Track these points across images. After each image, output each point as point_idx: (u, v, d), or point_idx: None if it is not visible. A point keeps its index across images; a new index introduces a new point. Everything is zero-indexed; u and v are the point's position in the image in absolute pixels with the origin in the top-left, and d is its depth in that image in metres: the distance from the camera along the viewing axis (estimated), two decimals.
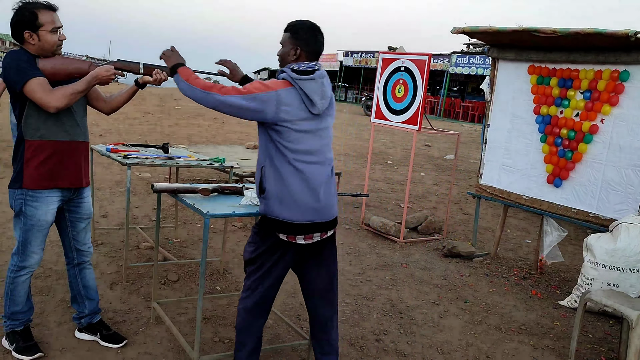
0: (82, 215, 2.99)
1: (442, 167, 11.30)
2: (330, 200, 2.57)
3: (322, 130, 2.54)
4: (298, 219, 2.48)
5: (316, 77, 2.46)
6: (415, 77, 5.55)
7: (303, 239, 2.54)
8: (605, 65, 4.41)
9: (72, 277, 3.09)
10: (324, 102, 2.48)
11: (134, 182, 7.16)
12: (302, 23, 2.56)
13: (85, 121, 2.93)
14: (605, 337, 3.90)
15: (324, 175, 2.54)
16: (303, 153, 2.46)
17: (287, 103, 2.40)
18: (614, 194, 4.39)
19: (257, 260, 2.63)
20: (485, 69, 22.10)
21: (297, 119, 2.43)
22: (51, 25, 2.66)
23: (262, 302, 2.67)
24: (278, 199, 2.48)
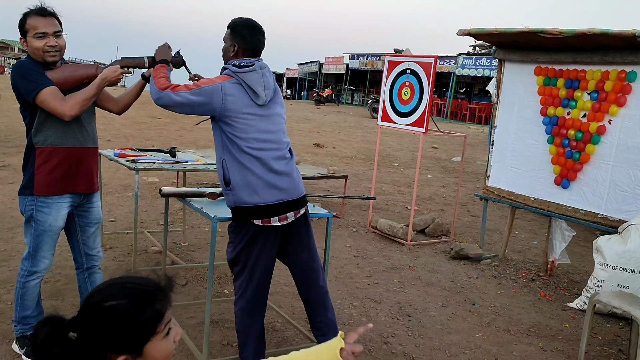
0: (92, 220, 3.00)
1: (449, 169, 11.28)
2: (294, 179, 2.67)
3: (271, 117, 2.64)
4: (267, 200, 2.56)
5: (256, 67, 2.57)
6: (421, 80, 5.55)
7: (278, 220, 2.60)
8: (612, 65, 4.39)
9: (82, 281, 3.10)
10: (268, 92, 2.60)
11: (142, 186, 7.19)
12: (242, 21, 2.67)
13: (94, 126, 2.95)
14: (614, 339, 3.87)
15: (282, 158, 2.64)
16: (256, 140, 2.56)
17: (230, 93, 2.52)
18: (622, 195, 4.36)
19: (240, 258, 2.66)
20: (492, 70, 22.04)
21: (242, 109, 2.53)
22: (34, 31, 2.64)
23: (255, 299, 2.69)
24: (244, 186, 2.55)
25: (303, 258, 2.78)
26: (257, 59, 2.64)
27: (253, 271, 2.65)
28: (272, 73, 2.73)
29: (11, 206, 5.69)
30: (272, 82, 2.66)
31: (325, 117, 21.39)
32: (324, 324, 2.82)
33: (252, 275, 2.65)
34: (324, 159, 10.88)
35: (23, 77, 2.62)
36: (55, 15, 2.71)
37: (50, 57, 2.69)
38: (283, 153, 2.65)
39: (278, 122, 2.67)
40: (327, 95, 29.66)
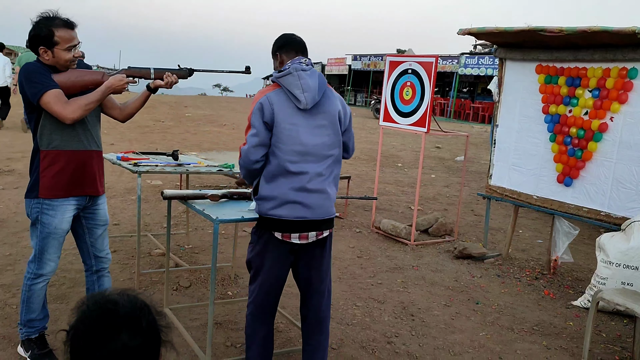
0: (99, 222, 3.03)
1: (452, 168, 11.26)
2: (324, 199, 2.59)
3: (315, 129, 2.55)
4: (289, 216, 2.53)
5: (291, 70, 2.52)
6: (422, 80, 5.55)
7: (298, 238, 2.57)
8: (614, 63, 4.39)
9: (90, 284, 3.13)
10: (308, 94, 2.50)
11: (145, 189, 7.22)
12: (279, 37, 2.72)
13: (99, 130, 2.99)
14: (618, 336, 3.87)
15: (317, 174, 2.56)
16: (294, 153, 2.51)
17: (273, 102, 2.50)
18: (625, 192, 4.35)
19: (255, 261, 2.67)
20: (495, 69, 22.01)
21: (286, 118, 2.49)
22: (67, 44, 2.71)
23: (264, 306, 2.70)
24: (270, 197, 2.54)
25: (311, 278, 2.74)
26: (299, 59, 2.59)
27: (265, 278, 2.66)
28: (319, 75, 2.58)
29: (16, 211, 5.72)
30: (313, 84, 2.52)
31: None
32: (313, 347, 2.78)
33: (264, 282, 2.66)
34: None
35: (29, 79, 2.66)
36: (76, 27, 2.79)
37: (73, 66, 2.80)
38: (319, 168, 2.56)
39: (320, 133, 2.57)
40: None
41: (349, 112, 2.71)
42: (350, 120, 2.72)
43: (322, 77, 2.60)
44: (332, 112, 2.61)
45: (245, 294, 4.08)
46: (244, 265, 4.65)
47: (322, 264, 2.74)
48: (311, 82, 2.52)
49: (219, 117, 18.27)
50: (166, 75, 2.98)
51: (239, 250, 4.91)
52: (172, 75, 2.99)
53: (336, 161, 2.65)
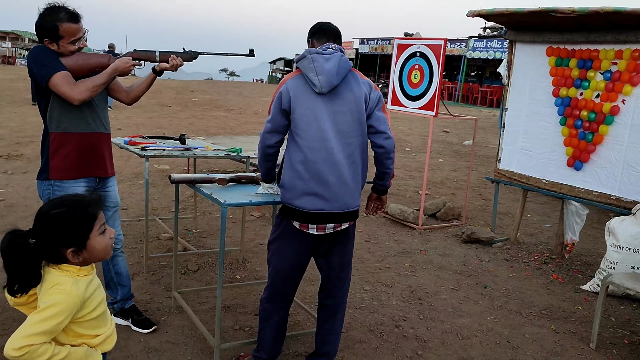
0: (109, 204, 3.07)
1: (460, 153, 11.21)
2: (344, 191, 2.52)
3: (335, 115, 2.50)
4: (306, 207, 2.50)
5: (305, 54, 2.52)
6: (431, 63, 5.49)
7: (315, 229, 2.55)
8: (626, 44, 4.31)
9: (104, 264, 3.19)
10: (321, 78, 2.45)
11: (152, 174, 7.23)
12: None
13: (107, 113, 3.03)
14: (628, 320, 3.85)
15: (337, 163, 2.49)
16: (312, 139, 2.47)
17: (291, 88, 2.49)
18: (637, 176, 4.31)
19: (275, 244, 2.68)
20: (504, 52, 21.77)
21: (304, 103, 2.47)
22: (71, 37, 2.73)
23: (281, 292, 2.70)
24: (290, 186, 2.52)
25: (332, 263, 2.72)
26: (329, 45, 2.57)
27: (282, 263, 2.66)
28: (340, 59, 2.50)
29: (25, 195, 5.75)
30: (329, 67, 2.45)
31: None
32: (326, 332, 2.79)
33: (282, 267, 2.66)
34: None
35: (38, 62, 2.69)
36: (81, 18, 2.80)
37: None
38: (339, 158, 2.49)
39: (341, 120, 2.50)
40: None
41: (378, 96, 2.62)
42: (379, 104, 2.62)
43: (344, 61, 2.52)
44: (353, 97, 2.52)
45: (253, 278, 4.09)
46: (251, 249, 4.68)
47: (344, 251, 2.73)
48: (327, 65, 2.45)
49: (226, 102, 18.24)
50: (171, 58, 3.01)
51: (247, 234, 4.92)
52: (177, 58, 3.02)
53: (359, 149, 2.56)
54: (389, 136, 2.61)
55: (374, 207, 2.90)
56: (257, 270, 4.24)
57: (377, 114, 2.60)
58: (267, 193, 2.86)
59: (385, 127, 2.60)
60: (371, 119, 2.59)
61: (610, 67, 4.43)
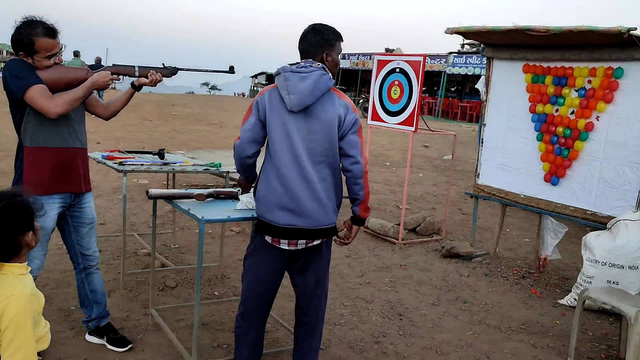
0: (85, 220, 3.02)
1: (440, 167, 11.30)
2: (316, 207, 2.49)
3: (308, 133, 2.47)
4: (278, 221, 2.49)
5: (280, 71, 2.49)
6: (410, 78, 5.55)
7: (287, 244, 2.54)
8: (599, 62, 4.41)
9: (80, 281, 3.13)
10: (292, 97, 2.41)
11: (131, 189, 7.15)
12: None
13: (83, 128, 2.98)
14: (605, 334, 3.89)
15: (310, 180, 2.47)
16: (285, 155, 2.47)
17: (266, 100, 2.51)
18: (612, 191, 4.38)
19: (248, 259, 2.66)
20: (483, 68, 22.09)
21: (278, 117, 2.47)
22: (47, 52, 2.70)
23: (256, 308, 2.67)
24: (264, 199, 2.53)
25: (307, 281, 2.68)
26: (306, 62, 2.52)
27: (255, 279, 2.63)
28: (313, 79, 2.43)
29: None
30: (303, 87, 2.40)
31: None
32: (304, 350, 2.75)
33: (255, 284, 2.64)
34: None
35: (13, 74, 2.65)
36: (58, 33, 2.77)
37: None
38: (313, 176, 2.47)
39: (314, 139, 2.46)
40: None
41: (354, 119, 2.54)
42: (354, 127, 2.54)
43: (323, 81, 2.45)
44: (327, 118, 2.47)
45: (231, 294, 4.05)
46: (230, 265, 4.64)
47: (318, 268, 2.68)
48: (301, 85, 2.41)
49: (207, 116, 18.18)
50: (150, 73, 3.00)
51: (226, 250, 4.88)
52: (156, 73, 3.00)
53: (330, 168, 2.53)
54: (357, 161, 2.54)
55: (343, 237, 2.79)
56: (236, 286, 4.20)
57: (350, 137, 2.53)
58: (246, 208, 2.84)
59: (355, 151, 2.53)
60: (343, 141, 2.53)
61: (585, 84, 4.52)
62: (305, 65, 2.48)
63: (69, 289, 3.87)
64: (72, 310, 3.55)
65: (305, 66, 2.48)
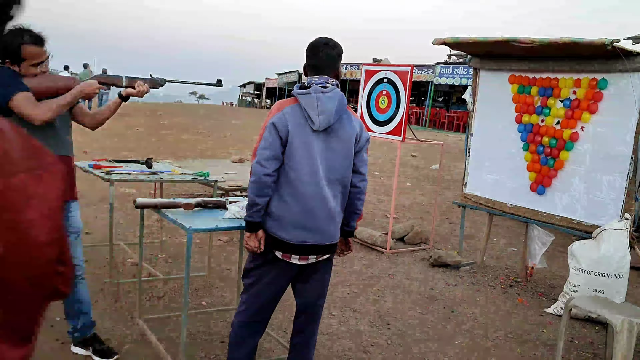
0: (70, 229, 2.99)
1: (428, 177, 11.35)
2: (328, 224, 2.53)
3: (328, 152, 2.49)
4: (291, 239, 2.48)
5: (311, 91, 2.44)
6: (398, 88, 5.59)
7: (298, 259, 2.54)
8: (584, 73, 4.48)
9: None
10: (321, 117, 2.42)
11: (119, 198, 7.10)
12: (312, 41, 2.58)
13: (69, 136, 2.96)
14: (591, 343, 3.92)
15: (326, 198, 2.49)
16: (304, 173, 2.44)
17: (289, 118, 2.42)
18: (596, 201, 4.43)
19: (254, 272, 2.62)
20: (469, 79, 22.27)
21: (299, 134, 2.43)
22: (34, 60, 2.68)
23: (258, 318, 2.67)
24: (276, 216, 2.49)
25: (310, 294, 2.71)
26: (322, 78, 2.49)
27: (263, 290, 2.63)
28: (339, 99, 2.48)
29: None
30: (328, 107, 2.43)
31: None
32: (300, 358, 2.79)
33: (261, 294, 2.63)
34: None
35: None
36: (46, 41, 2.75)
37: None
38: (329, 193, 2.50)
39: (333, 157, 2.49)
40: None
41: (367, 137, 2.63)
42: (367, 145, 2.63)
43: (342, 100, 2.50)
44: (346, 136, 2.52)
45: (220, 304, 4.03)
46: (218, 274, 4.62)
47: (322, 279, 2.72)
48: (329, 105, 2.44)
49: (195, 125, 18.13)
50: (138, 84, 2.99)
51: (214, 260, 4.86)
52: (144, 84, 2.99)
53: (343, 186, 2.58)
54: (365, 179, 2.65)
55: (342, 250, 2.83)
56: (223, 296, 4.18)
57: (363, 155, 2.62)
58: (234, 218, 2.84)
59: (365, 169, 2.65)
60: (356, 158, 2.60)
61: (570, 95, 4.59)
62: (325, 83, 2.48)
63: None
64: (57, 321, 3.50)
65: (325, 84, 2.48)
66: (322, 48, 2.53)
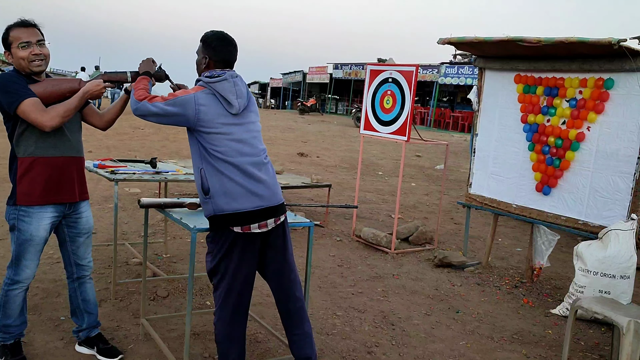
0: (81, 230, 3.00)
1: (432, 177, 11.33)
2: (272, 185, 2.67)
3: (246, 125, 2.65)
4: (246, 207, 2.55)
5: (227, 77, 2.59)
6: (403, 88, 5.57)
7: (258, 227, 2.58)
8: (590, 73, 4.45)
9: (72, 290, 3.11)
10: (241, 100, 2.61)
11: (123, 197, 7.12)
12: (214, 33, 2.70)
13: (79, 137, 2.97)
14: (597, 344, 3.89)
15: (259, 164, 2.64)
16: (231, 149, 2.57)
17: (203, 103, 2.54)
18: (602, 201, 4.41)
19: (219, 267, 2.62)
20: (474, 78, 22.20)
21: (216, 119, 2.55)
22: (18, 42, 2.69)
23: (237, 309, 2.65)
24: (222, 193, 2.54)
25: (280, 269, 2.75)
26: (227, 72, 2.64)
27: (234, 280, 2.61)
28: (245, 83, 2.73)
29: None
30: (244, 90, 2.67)
31: (309, 127, 21.42)
32: (300, 337, 2.78)
33: (233, 284, 2.61)
34: (307, 168, 10.87)
35: (4, 89, 2.65)
36: (36, 26, 2.76)
37: (36, 67, 2.74)
38: (260, 159, 2.65)
39: (253, 129, 2.69)
40: (311, 105, 29.68)
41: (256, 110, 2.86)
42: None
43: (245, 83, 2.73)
44: (256, 111, 2.76)
45: None
46: None
47: (286, 254, 2.77)
48: (243, 89, 2.65)
49: None
50: None
51: None
52: None
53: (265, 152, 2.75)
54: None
55: None
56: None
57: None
58: None
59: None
60: None
61: (576, 95, 4.56)
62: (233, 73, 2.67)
63: (58, 298, 3.83)
64: (62, 320, 3.51)
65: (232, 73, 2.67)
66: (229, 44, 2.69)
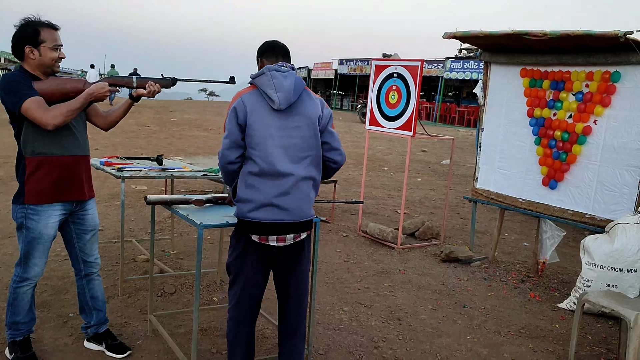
0: (87, 227, 3.03)
1: (438, 172, 11.30)
2: (301, 201, 2.58)
3: (291, 130, 2.55)
4: (266, 219, 2.52)
5: (265, 71, 2.55)
6: (408, 83, 5.56)
7: (275, 241, 2.57)
8: (596, 66, 4.43)
9: (80, 288, 3.13)
10: (280, 95, 2.50)
11: (130, 194, 7.14)
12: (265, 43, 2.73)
13: (85, 135, 2.99)
14: (604, 338, 3.88)
15: (293, 175, 2.54)
16: (268, 154, 2.50)
17: (247, 103, 2.51)
18: (609, 195, 4.39)
19: (235, 264, 2.65)
20: (480, 73, 22.13)
21: (261, 116, 2.50)
22: (52, 42, 2.75)
23: (246, 310, 2.67)
24: (248, 199, 2.53)
25: (289, 282, 2.72)
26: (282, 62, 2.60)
27: (245, 282, 2.64)
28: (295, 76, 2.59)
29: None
30: (287, 85, 2.51)
31: None
32: (288, 351, 2.77)
33: (244, 286, 2.64)
34: None
35: (8, 89, 2.67)
36: None
37: (58, 68, 2.83)
38: (297, 171, 2.55)
39: (296, 135, 2.55)
40: None
41: (330, 113, 2.71)
42: (331, 120, 2.72)
43: (299, 79, 2.58)
44: (309, 114, 2.59)
45: None
46: None
47: (299, 268, 2.72)
48: (285, 83, 2.51)
49: (205, 122, 18.18)
50: (149, 85, 2.98)
51: (224, 256, 4.86)
52: (154, 84, 2.99)
53: (314, 163, 2.62)
54: (342, 152, 2.75)
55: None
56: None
57: (330, 130, 2.71)
58: None
59: (338, 144, 2.73)
60: (325, 135, 2.67)
61: (582, 88, 4.54)
62: (280, 66, 2.58)
63: (67, 295, 3.86)
64: (71, 317, 3.54)
65: (280, 67, 2.58)
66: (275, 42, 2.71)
